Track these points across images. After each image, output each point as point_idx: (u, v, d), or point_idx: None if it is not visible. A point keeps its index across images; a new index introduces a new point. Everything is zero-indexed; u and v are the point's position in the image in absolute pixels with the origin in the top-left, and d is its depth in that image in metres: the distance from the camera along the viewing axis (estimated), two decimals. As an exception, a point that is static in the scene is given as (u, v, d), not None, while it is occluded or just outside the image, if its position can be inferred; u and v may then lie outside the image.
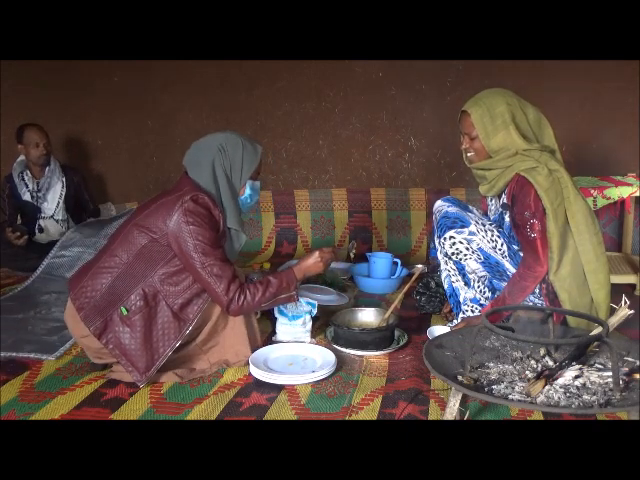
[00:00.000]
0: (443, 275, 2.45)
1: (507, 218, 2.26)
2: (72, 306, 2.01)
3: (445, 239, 2.31)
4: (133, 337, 1.95)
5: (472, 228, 2.27)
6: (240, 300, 1.98)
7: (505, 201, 2.23)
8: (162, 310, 1.99)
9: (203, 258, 1.94)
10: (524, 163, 2.13)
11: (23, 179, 3.50)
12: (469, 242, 2.28)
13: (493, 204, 2.38)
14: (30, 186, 3.49)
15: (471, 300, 2.37)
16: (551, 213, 2.08)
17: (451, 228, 2.29)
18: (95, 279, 1.99)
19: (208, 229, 1.96)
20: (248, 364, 2.09)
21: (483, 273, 2.35)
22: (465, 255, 2.31)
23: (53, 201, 3.52)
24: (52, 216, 3.52)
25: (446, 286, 2.46)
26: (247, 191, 2.13)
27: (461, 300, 2.39)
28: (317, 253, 2.19)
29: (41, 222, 3.53)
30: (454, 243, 2.29)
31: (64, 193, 3.55)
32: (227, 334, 2.14)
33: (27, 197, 3.49)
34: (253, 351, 2.16)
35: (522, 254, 2.22)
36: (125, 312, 1.96)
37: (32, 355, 2.23)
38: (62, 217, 3.55)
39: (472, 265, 2.33)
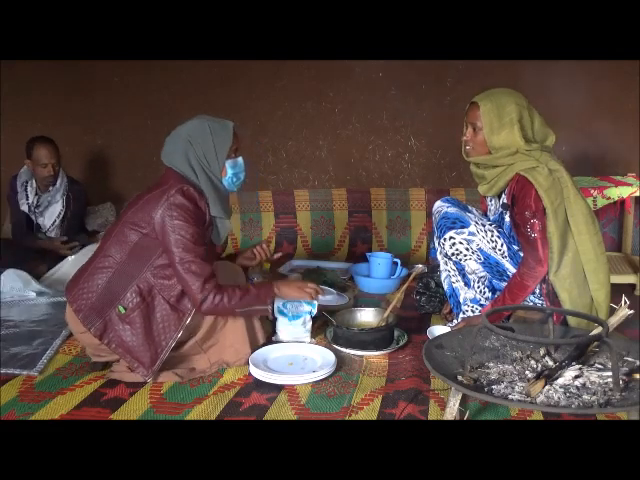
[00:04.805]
0: (443, 276, 2.45)
1: (507, 218, 2.26)
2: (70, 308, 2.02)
3: (445, 240, 2.30)
4: (134, 334, 1.96)
5: (472, 228, 2.27)
6: (215, 300, 1.96)
7: (505, 201, 2.23)
8: (159, 304, 1.99)
9: (182, 254, 1.93)
10: (525, 163, 2.13)
11: (25, 189, 3.41)
12: (469, 242, 2.27)
13: (493, 204, 2.38)
14: (30, 199, 3.40)
15: (471, 300, 2.37)
16: (551, 213, 2.08)
17: (451, 229, 2.29)
18: (91, 280, 2.00)
19: (192, 224, 1.95)
20: (248, 363, 2.09)
21: (483, 273, 2.35)
22: (465, 255, 2.31)
23: (50, 219, 3.42)
24: (45, 232, 3.45)
25: (446, 287, 2.46)
26: (229, 172, 2.09)
27: (461, 300, 2.39)
28: (305, 283, 2.22)
29: (38, 234, 3.48)
30: (454, 244, 2.29)
31: (63, 213, 3.45)
32: (227, 332, 2.14)
33: (24, 208, 3.40)
34: (254, 350, 2.16)
35: (522, 254, 2.22)
36: (123, 310, 1.96)
37: (11, 371, 2.12)
38: (55, 235, 3.43)
39: (472, 265, 2.33)
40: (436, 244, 2.42)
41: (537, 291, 2.22)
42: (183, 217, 1.94)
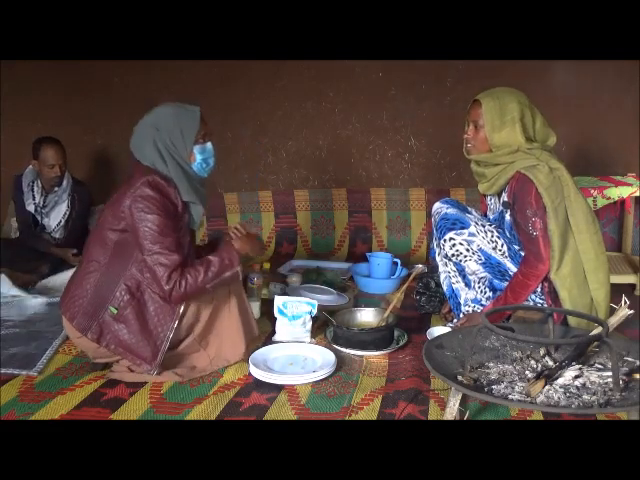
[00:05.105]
0: (442, 277, 2.44)
1: (508, 217, 2.25)
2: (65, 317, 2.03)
3: (445, 241, 2.30)
4: (130, 331, 1.97)
5: (472, 229, 2.27)
6: (182, 286, 1.93)
7: (506, 199, 2.23)
8: (150, 298, 2.00)
9: (149, 246, 1.92)
10: (525, 161, 2.13)
11: (32, 189, 3.38)
12: (469, 243, 2.27)
13: (492, 203, 2.37)
14: (37, 199, 3.37)
15: (472, 301, 2.36)
16: (552, 211, 2.09)
17: (451, 229, 2.29)
18: (80, 287, 2.01)
19: (159, 215, 1.93)
20: (246, 359, 2.10)
21: (483, 274, 2.34)
22: (465, 257, 2.30)
23: (55, 219, 3.40)
24: (50, 233, 3.44)
25: (445, 288, 2.45)
26: (197, 157, 2.07)
27: (462, 301, 2.38)
28: (258, 242, 2.19)
29: (43, 235, 3.46)
30: (454, 245, 2.29)
31: (68, 213, 3.43)
32: (224, 327, 2.13)
33: (31, 208, 3.38)
34: (251, 340, 2.19)
35: (523, 253, 2.22)
36: (115, 311, 1.97)
37: (10, 371, 2.12)
38: (60, 236, 3.43)
39: (472, 266, 2.33)
40: (435, 245, 2.42)
41: (538, 290, 2.22)
42: (149, 208, 1.93)
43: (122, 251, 1.99)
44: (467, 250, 2.29)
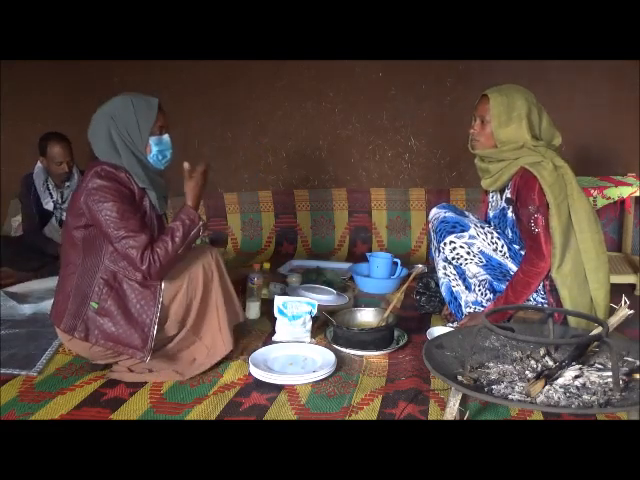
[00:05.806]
0: (441, 282, 2.43)
1: (510, 213, 2.25)
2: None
3: (445, 244, 2.29)
4: (115, 322, 1.97)
5: (472, 232, 2.26)
6: (156, 261, 1.93)
7: (509, 196, 2.23)
8: (128, 287, 2.00)
9: (115, 232, 1.93)
10: (530, 157, 2.13)
11: (48, 188, 3.37)
12: (470, 246, 2.27)
13: (494, 200, 2.37)
14: (55, 196, 3.38)
15: (473, 303, 2.36)
16: (554, 208, 2.08)
17: (451, 233, 2.28)
18: (62, 291, 2.03)
19: (116, 201, 1.94)
20: (236, 350, 2.15)
21: (484, 277, 2.34)
22: (465, 260, 2.30)
23: None
24: None
25: (444, 293, 2.44)
26: (153, 149, 2.06)
27: (462, 303, 2.38)
28: (201, 180, 2.11)
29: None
30: (454, 248, 2.28)
31: None
32: (213, 317, 2.13)
33: (49, 207, 3.37)
34: (236, 323, 2.21)
35: (524, 252, 2.22)
36: (95, 305, 1.98)
37: (10, 371, 2.13)
38: None
39: (473, 269, 2.32)
40: (433, 250, 2.41)
41: (540, 288, 2.21)
42: (104, 197, 1.93)
43: (91, 246, 2.00)
44: (468, 253, 2.28)
